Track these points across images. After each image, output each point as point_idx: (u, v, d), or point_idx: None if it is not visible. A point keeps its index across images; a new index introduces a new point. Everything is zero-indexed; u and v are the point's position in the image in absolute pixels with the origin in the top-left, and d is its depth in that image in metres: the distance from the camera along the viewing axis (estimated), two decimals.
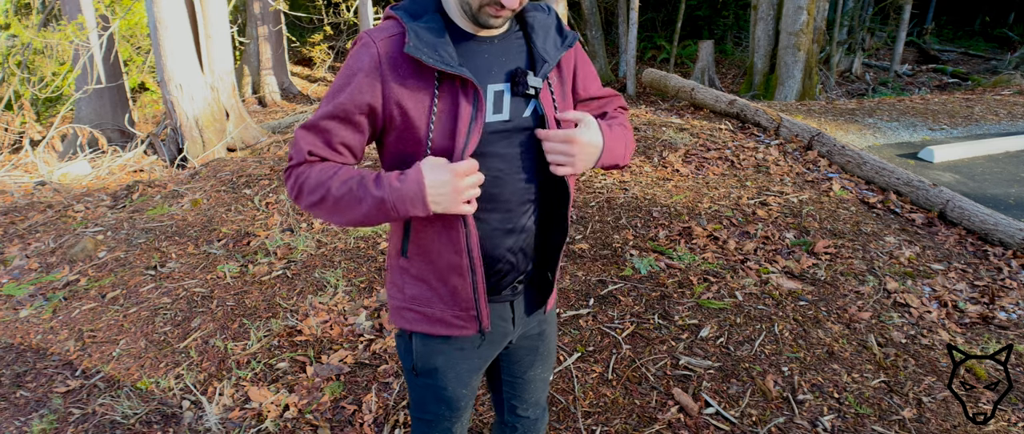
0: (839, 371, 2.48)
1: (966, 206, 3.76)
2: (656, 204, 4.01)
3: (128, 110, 8.00)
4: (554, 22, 1.24)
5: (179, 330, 2.93)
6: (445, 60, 1.06)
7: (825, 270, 3.22)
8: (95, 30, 7.31)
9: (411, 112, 1.09)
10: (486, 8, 1.05)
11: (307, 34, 14.02)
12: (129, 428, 2.33)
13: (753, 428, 2.21)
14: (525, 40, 1.20)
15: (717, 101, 6.11)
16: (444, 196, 1.04)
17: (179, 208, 4.39)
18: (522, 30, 1.20)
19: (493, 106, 1.13)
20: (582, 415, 2.30)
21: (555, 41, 1.21)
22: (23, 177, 6.23)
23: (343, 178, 1.09)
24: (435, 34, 1.08)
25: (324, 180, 1.10)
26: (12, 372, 2.70)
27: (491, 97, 1.13)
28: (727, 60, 13.00)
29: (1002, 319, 2.84)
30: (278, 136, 7.32)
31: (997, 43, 14.71)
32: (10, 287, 3.39)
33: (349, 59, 1.11)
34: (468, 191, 1.06)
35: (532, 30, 1.19)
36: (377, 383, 2.51)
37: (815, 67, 9.15)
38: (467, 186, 1.06)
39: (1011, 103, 7.34)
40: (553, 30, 1.22)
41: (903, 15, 12.01)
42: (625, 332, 2.75)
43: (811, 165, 4.72)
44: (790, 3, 8.65)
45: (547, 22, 1.22)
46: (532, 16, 1.21)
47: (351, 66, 1.10)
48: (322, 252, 3.60)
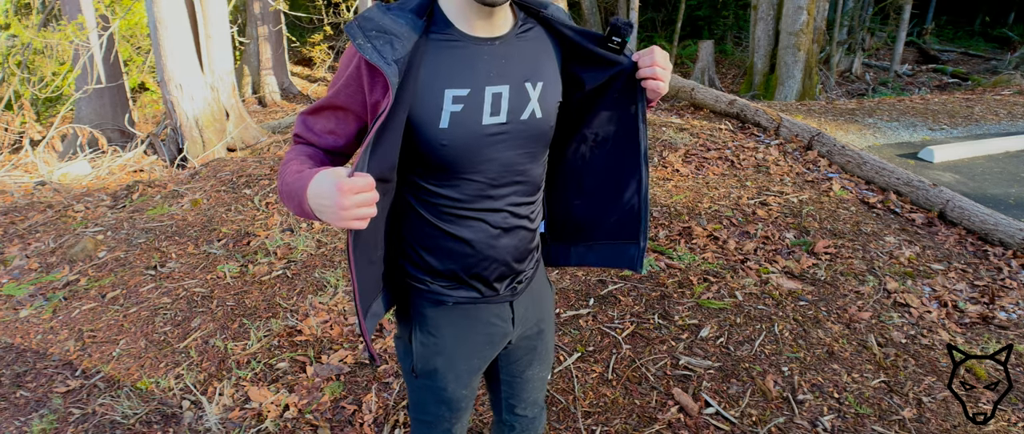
0: (839, 371, 2.48)
1: (966, 206, 3.76)
2: (656, 204, 4.01)
3: (128, 110, 8.00)
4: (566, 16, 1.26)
5: (179, 330, 2.93)
6: (377, 48, 1.03)
7: (825, 270, 3.22)
8: (95, 30, 7.31)
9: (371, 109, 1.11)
10: None
11: (307, 34, 14.03)
12: (129, 428, 2.33)
13: (753, 428, 2.21)
14: (551, 34, 1.20)
15: (717, 101, 6.11)
16: (326, 209, 0.97)
17: (179, 208, 4.39)
18: (544, 26, 1.20)
19: (490, 108, 1.12)
20: (582, 415, 2.30)
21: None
22: (23, 177, 6.23)
23: (296, 168, 1.10)
24: (397, 26, 1.06)
25: (285, 165, 1.14)
26: (12, 372, 2.70)
27: (489, 99, 1.12)
28: (727, 60, 13.00)
29: (1002, 319, 2.84)
30: (278, 136, 7.32)
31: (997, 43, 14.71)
32: (10, 287, 3.39)
33: (346, 52, 1.15)
34: (356, 209, 0.95)
35: (557, 22, 1.20)
36: (377, 383, 2.51)
37: (815, 67, 9.15)
38: (353, 204, 0.95)
39: (1011, 103, 7.34)
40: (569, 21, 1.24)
41: (903, 15, 12.01)
42: (625, 332, 2.75)
43: (811, 165, 4.72)
44: (790, 3, 8.65)
45: (562, 15, 1.24)
46: (548, 11, 1.21)
47: (344, 59, 1.15)
48: (322, 252, 3.60)
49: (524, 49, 1.17)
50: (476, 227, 1.19)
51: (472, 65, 1.10)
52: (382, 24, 1.05)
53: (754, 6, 9.49)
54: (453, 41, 1.10)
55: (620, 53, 1.18)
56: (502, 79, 1.13)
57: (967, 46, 14.42)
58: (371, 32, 1.05)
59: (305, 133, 1.20)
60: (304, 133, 1.20)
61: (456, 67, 1.09)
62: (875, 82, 11.73)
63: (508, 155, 1.15)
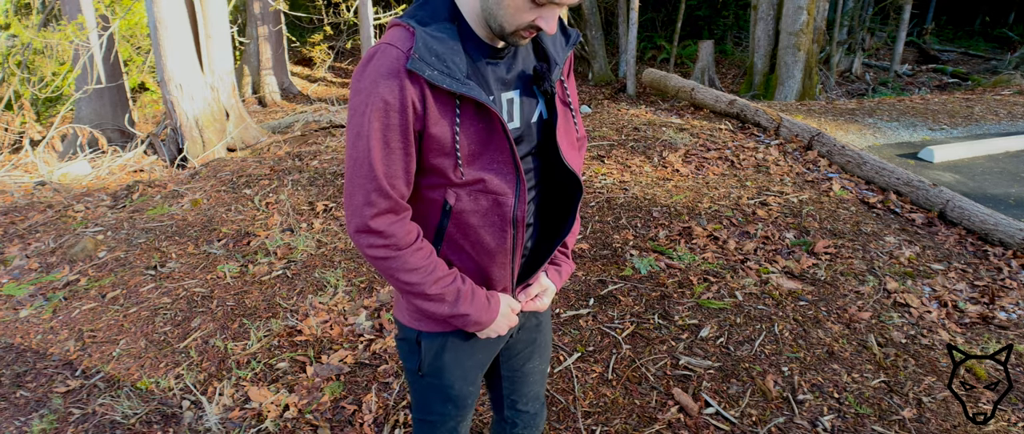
0: (839, 371, 2.48)
1: (966, 206, 3.76)
2: (656, 204, 4.01)
3: (128, 110, 8.00)
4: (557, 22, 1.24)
5: (179, 330, 2.93)
6: (452, 73, 1.04)
7: (825, 270, 3.22)
8: (95, 30, 7.31)
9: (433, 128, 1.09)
10: (521, 32, 1.05)
11: (307, 34, 14.02)
12: (129, 428, 2.33)
13: (753, 428, 2.21)
14: (532, 42, 1.20)
15: (717, 101, 6.11)
16: (499, 327, 1.26)
17: (179, 208, 4.39)
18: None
19: (507, 115, 1.14)
20: (582, 415, 2.30)
21: (561, 41, 1.22)
22: (23, 177, 6.23)
23: (439, 277, 1.17)
24: (445, 45, 1.05)
25: (421, 268, 1.16)
26: (12, 372, 2.70)
27: (504, 106, 1.14)
28: (727, 60, 12.99)
29: (1002, 319, 2.84)
30: (278, 136, 7.32)
31: (997, 43, 14.71)
32: (10, 287, 3.39)
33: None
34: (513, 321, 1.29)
35: (540, 32, 1.20)
36: (377, 383, 2.51)
37: (815, 67, 9.15)
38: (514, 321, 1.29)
39: (1011, 103, 7.34)
40: (558, 31, 1.23)
41: (903, 15, 12.01)
42: (625, 332, 2.75)
43: (811, 165, 4.72)
44: (790, 3, 8.65)
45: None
46: None
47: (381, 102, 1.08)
48: (322, 252, 3.60)
49: (528, 51, 1.21)
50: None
51: (490, 75, 1.14)
52: (435, 50, 1.06)
53: (754, 6, 9.49)
54: (475, 51, 1.12)
55: (550, 95, 1.21)
56: (513, 85, 1.16)
57: (967, 46, 14.41)
58: (430, 61, 1.04)
59: (389, 206, 1.11)
60: (389, 207, 1.11)
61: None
62: (875, 82, 11.73)
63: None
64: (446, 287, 1.16)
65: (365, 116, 1.04)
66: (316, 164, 5.19)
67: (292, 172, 4.95)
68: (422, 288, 1.14)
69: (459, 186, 1.13)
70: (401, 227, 1.12)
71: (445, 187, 1.13)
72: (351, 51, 15.20)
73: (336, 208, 4.23)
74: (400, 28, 1.07)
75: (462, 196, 1.14)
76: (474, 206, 1.15)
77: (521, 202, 1.17)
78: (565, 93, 1.23)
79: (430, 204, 1.17)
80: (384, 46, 1.05)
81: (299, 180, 4.75)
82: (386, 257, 1.12)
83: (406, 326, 1.31)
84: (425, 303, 1.17)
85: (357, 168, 1.07)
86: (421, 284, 1.14)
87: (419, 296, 1.16)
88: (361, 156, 1.06)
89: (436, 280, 1.15)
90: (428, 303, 1.16)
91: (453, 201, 1.14)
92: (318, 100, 11.10)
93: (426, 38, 1.03)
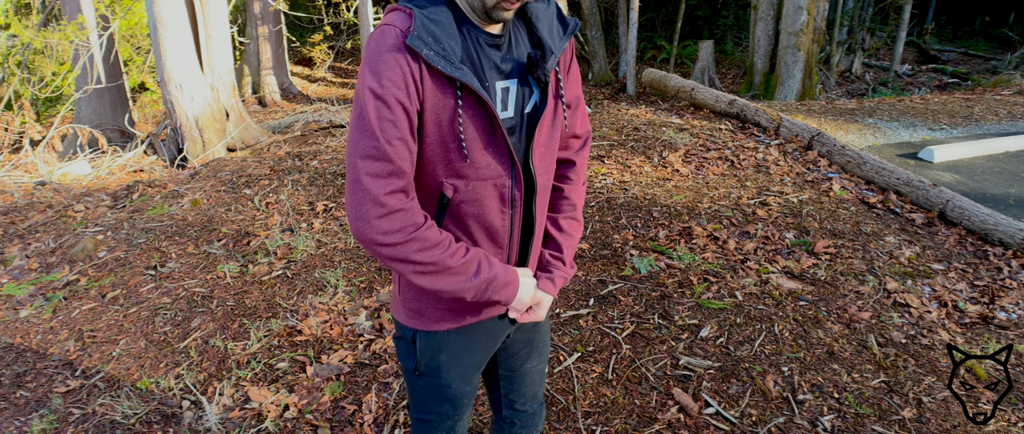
0: (839, 371, 2.48)
1: (966, 206, 3.76)
2: (656, 204, 4.01)
3: (128, 110, 8.00)
4: (554, 11, 1.24)
5: (179, 330, 2.93)
6: (447, 56, 1.05)
7: (825, 270, 3.21)
8: (95, 30, 7.31)
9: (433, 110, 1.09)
10: (502, 3, 1.06)
11: (307, 34, 14.02)
12: (129, 428, 2.33)
13: (753, 428, 2.21)
14: (528, 30, 1.20)
15: (717, 101, 6.11)
16: (522, 302, 1.26)
17: (179, 208, 4.39)
18: (524, 21, 1.21)
19: (500, 104, 1.14)
20: (582, 415, 2.30)
21: (558, 30, 1.22)
22: (23, 177, 6.23)
23: (457, 248, 1.15)
24: (441, 27, 1.07)
25: (441, 243, 1.13)
26: (12, 372, 2.70)
27: (499, 95, 1.14)
28: (727, 60, 12.99)
29: (1002, 319, 2.84)
30: (278, 136, 7.32)
31: (997, 43, 14.70)
32: (10, 287, 3.39)
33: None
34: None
35: (536, 20, 1.20)
36: (377, 383, 2.51)
37: (815, 67, 9.15)
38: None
39: (1011, 103, 7.34)
40: (555, 20, 1.23)
41: (903, 15, 12.01)
42: (625, 332, 2.75)
43: (811, 165, 4.72)
44: (790, 3, 8.65)
45: (549, 12, 1.23)
46: (533, 6, 1.21)
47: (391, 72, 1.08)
48: (322, 252, 3.60)
49: (524, 39, 1.22)
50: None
51: (485, 60, 1.14)
52: (432, 31, 1.07)
53: (754, 6, 9.49)
54: (469, 35, 1.13)
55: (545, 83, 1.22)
56: (508, 73, 1.16)
57: (967, 46, 14.41)
58: (428, 41, 1.05)
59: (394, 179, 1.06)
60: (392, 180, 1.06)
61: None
62: (875, 82, 11.73)
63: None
64: (466, 256, 1.13)
65: (368, 91, 1.04)
66: (316, 164, 5.19)
67: (292, 172, 4.95)
68: (446, 262, 1.10)
69: (456, 175, 1.13)
70: (414, 204, 1.08)
71: (442, 176, 1.13)
72: (351, 51, 15.20)
73: (336, 208, 4.23)
74: (399, 11, 1.10)
75: (459, 186, 1.14)
76: (471, 195, 1.16)
77: (517, 188, 1.19)
78: (558, 87, 1.22)
79: (427, 196, 1.17)
80: (384, 26, 1.08)
81: (299, 180, 4.75)
82: (405, 240, 1.05)
83: (403, 324, 1.31)
84: (450, 279, 1.11)
85: (362, 138, 1.04)
86: (443, 259, 1.10)
87: (444, 272, 1.10)
88: (366, 129, 1.04)
89: (454, 251, 1.12)
90: (454, 278, 1.12)
91: (450, 194, 1.15)
92: (318, 100, 11.10)
93: (424, 19, 1.06)
